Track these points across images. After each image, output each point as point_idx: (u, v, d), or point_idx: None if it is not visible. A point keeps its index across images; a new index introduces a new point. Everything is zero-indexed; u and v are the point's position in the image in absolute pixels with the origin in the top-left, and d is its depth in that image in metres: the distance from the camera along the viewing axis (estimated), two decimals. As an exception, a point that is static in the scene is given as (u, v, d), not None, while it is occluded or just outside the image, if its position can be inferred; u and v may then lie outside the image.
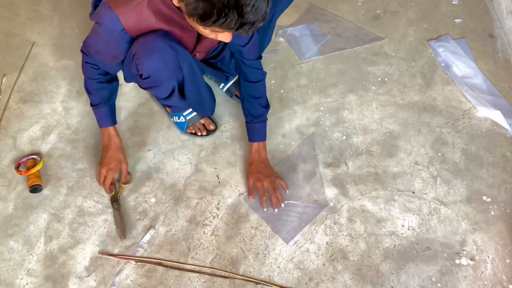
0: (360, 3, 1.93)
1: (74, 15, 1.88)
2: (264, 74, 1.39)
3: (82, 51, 1.26)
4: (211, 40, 1.24)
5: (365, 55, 1.76)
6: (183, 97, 1.33)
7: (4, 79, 1.67)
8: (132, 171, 1.45)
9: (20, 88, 1.65)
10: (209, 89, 1.46)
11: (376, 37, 1.81)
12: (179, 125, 1.52)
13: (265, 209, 1.37)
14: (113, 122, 1.38)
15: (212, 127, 1.53)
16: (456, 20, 1.87)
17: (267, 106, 1.43)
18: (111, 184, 1.37)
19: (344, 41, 1.80)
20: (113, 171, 1.36)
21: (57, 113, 1.59)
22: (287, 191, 1.41)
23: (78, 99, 1.62)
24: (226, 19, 0.87)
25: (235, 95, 1.60)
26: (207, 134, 1.53)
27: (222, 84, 1.61)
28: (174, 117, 1.51)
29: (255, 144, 1.42)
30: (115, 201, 1.37)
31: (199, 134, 1.52)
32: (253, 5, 0.86)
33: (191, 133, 1.53)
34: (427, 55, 1.76)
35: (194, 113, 1.49)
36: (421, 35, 1.82)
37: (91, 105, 1.35)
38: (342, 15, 1.88)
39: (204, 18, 0.89)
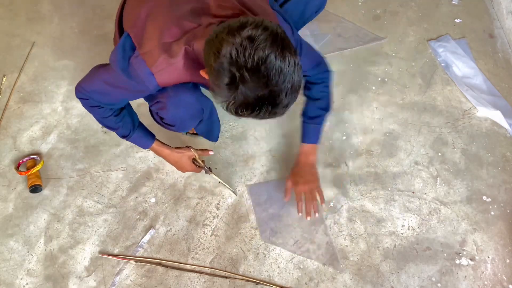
0: (360, 3, 1.93)
1: (74, 15, 1.88)
2: (327, 76, 1.29)
3: (80, 97, 1.16)
4: None
5: (365, 55, 1.76)
6: None
7: (4, 79, 1.67)
8: (132, 171, 1.45)
9: (20, 88, 1.65)
10: (219, 120, 1.44)
11: (376, 37, 1.81)
12: None
13: (299, 214, 1.32)
14: (152, 137, 1.30)
15: None
16: (456, 20, 1.87)
17: (326, 109, 1.32)
18: (198, 166, 1.35)
19: (344, 41, 1.79)
20: (191, 166, 1.34)
21: (57, 113, 1.59)
22: (323, 205, 1.35)
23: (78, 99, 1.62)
24: (259, 112, 0.85)
25: None
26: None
27: None
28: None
29: (305, 146, 1.34)
30: (208, 171, 1.35)
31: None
32: (286, 94, 0.84)
33: (192, 134, 1.53)
34: (427, 55, 1.76)
35: None
36: (421, 35, 1.82)
37: (123, 138, 1.27)
38: (342, 15, 1.88)
39: (238, 114, 0.87)
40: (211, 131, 1.44)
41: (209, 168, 1.35)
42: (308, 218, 1.31)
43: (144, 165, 1.47)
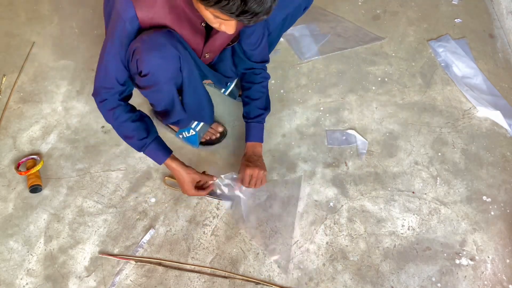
0: (360, 3, 1.93)
1: (74, 15, 1.88)
2: (267, 77, 1.40)
3: (98, 100, 1.18)
4: (220, 40, 1.23)
5: (365, 55, 1.76)
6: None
7: (4, 79, 1.67)
8: (132, 171, 1.45)
9: (20, 88, 1.65)
10: (208, 96, 1.41)
11: (376, 37, 1.81)
12: (191, 140, 1.49)
13: (242, 187, 1.38)
14: (169, 151, 1.28)
15: (220, 129, 1.51)
16: (456, 20, 1.87)
17: (266, 109, 1.40)
18: (203, 189, 1.35)
19: (344, 41, 1.79)
20: (191, 191, 1.32)
21: (57, 113, 1.59)
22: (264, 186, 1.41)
23: (78, 99, 1.62)
24: (228, 2, 0.87)
25: (240, 95, 1.59)
26: (220, 139, 1.51)
27: (223, 89, 1.61)
28: (184, 133, 1.48)
29: (249, 144, 1.40)
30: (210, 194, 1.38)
31: (214, 137, 1.50)
32: None
33: (205, 143, 1.50)
34: (427, 55, 1.76)
35: (202, 123, 1.47)
36: (421, 35, 1.82)
37: (139, 150, 1.25)
38: (342, 15, 1.88)
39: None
40: (200, 107, 1.38)
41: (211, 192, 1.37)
42: (251, 189, 1.39)
43: (144, 165, 1.47)
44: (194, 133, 1.47)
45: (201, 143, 1.50)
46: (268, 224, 1.36)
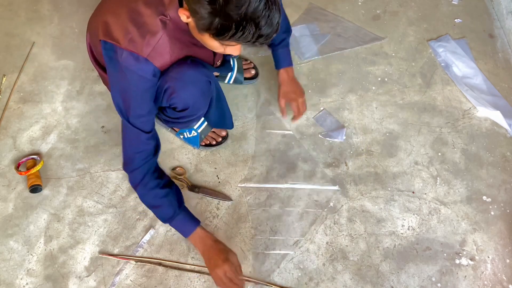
0: (360, 3, 1.93)
1: (74, 15, 1.88)
2: None
3: (126, 162, 1.15)
4: None
5: (365, 55, 1.76)
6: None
7: (4, 79, 1.67)
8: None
9: (20, 88, 1.65)
10: (227, 106, 1.44)
11: (376, 37, 1.81)
12: (192, 141, 1.49)
13: (297, 121, 1.53)
14: (197, 222, 1.21)
15: (223, 133, 1.51)
16: (456, 20, 1.87)
17: (287, 31, 1.44)
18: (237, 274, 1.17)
19: (344, 41, 1.79)
20: (231, 271, 1.15)
21: (57, 113, 1.59)
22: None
23: (78, 99, 1.62)
24: (244, 32, 0.85)
25: (245, 78, 1.62)
26: (221, 142, 1.50)
27: (228, 78, 1.61)
28: (185, 133, 1.48)
29: (282, 70, 1.46)
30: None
31: (214, 143, 1.49)
32: (268, 16, 0.85)
33: (205, 145, 1.50)
34: (427, 55, 1.76)
35: (205, 124, 1.46)
36: (421, 35, 1.82)
37: (166, 221, 1.19)
38: (342, 15, 1.88)
39: (221, 33, 0.87)
40: (223, 117, 1.44)
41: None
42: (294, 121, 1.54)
43: (144, 165, 1.47)
44: (195, 134, 1.47)
45: (201, 145, 1.50)
46: (268, 224, 1.36)
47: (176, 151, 1.50)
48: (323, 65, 1.73)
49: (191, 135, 1.47)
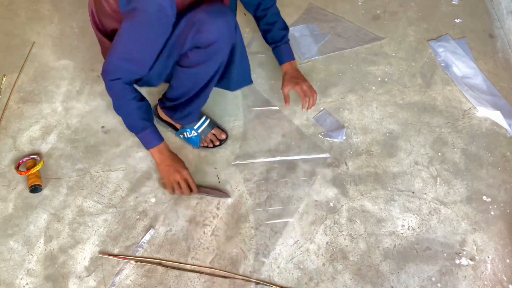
0: (360, 3, 1.93)
1: (74, 15, 1.88)
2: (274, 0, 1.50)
3: (111, 78, 1.20)
4: None
5: (365, 55, 1.76)
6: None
7: (4, 79, 1.67)
8: (132, 171, 1.45)
9: (20, 88, 1.65)
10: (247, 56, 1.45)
11: (376, 37, 1.81)
12: (192, 141, 1.49)
13: (303, 109, 1.52)
14: (161, 139, 1.34)
15: (223, 136, 1.51)
16: (456, 20, 1.87)
17: (285, 28, 1.53)
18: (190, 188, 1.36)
19: (344, 41, 1.80)
20: (181, 180, 1.34)
21: (57, 113, 1.59)
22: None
23: (78, 99, 1.62)
24: None
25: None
26: (220, 144, 1.50)
27: None
28: (185, 133, 1.48)
29: (285, 65, 1.53)
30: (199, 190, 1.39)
31: (211, 146, 1.49)
32: None
33: (205, 147, 1.50)
34: (427, 55, 1.76)
35: (205, 124, 1.47)
36: (421, 35, 1.82)
37: (135, 130, 1.29)
38: (342, 15, 1.88)
39: None
40: (246, 70, 1.44)
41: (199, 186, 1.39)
42: (312, 108, 1.53)
43: (144, 165, 1.47)
44: (196, 134, 1.47)
45: (201, 146, 1.50)
46: (268, 224, 1.36)
47: (176, 151, 1.50)
48: (323, 65, 1.73)
49: (191, 135, 1.47)
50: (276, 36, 1.52)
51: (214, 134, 1.50)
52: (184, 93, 1.33)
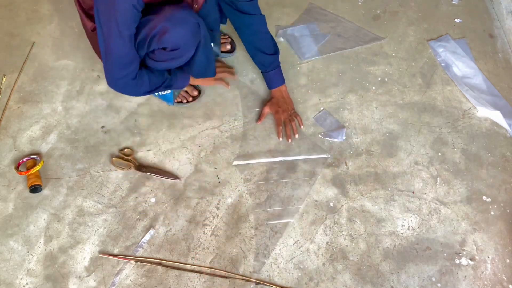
0: (360, 3, 1.93)
1: (74, 15, 1.88)
2: (263, 21, 1.47)
3: (110, 85, 1.29)
4: None
5: (365, 55, 1.76)
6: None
7: (4, 79, 1.67)
8: (132, 170, 1.45)
9: (20, 88, 1.65)
10: (212, 52, 1.48)
11: (376, 37, 1.81)
12: (166, 97, 1.56)
13: (280, 139, 1.50)
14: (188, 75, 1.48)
15: (195, 93, 1.58)
16: (456, 20, 1.87)
17: (275, 53, 1.52)
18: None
19: (344, 41, 1.80)
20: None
21: (57, 113, 1.59)
22: (302, 127, 1.53)
23: (78, 99, 1.62)
24: None
25: (222, 51, 1.68)
26: (193, 100, 1.58)
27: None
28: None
29: (274, 89, 1.55)
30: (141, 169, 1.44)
31: (185, 101, 1.57)
32: None
33: (178, 102, 1.58)
34: (427, 55, 1.76)
35: None
36: (421, 35, 1.82)
37: (185, 80, 1.45)
38: (342, 15, 1.88)
39: None
40: (208, 64, 1.44)
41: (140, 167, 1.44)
42: (290, 140, 1.49)
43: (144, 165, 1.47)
44: (169, 91, 1.52)
45: (175, 102, 1.58)
46: (268, 224, 1.36)
47: (176, 151, 1.50)
48: (323, 65, 1.73)
49: (165, 92, 1.52)
50: (265, 62, 1.53)
51: (186, 91, 1.57)
52: (159, 75, 1.39)
